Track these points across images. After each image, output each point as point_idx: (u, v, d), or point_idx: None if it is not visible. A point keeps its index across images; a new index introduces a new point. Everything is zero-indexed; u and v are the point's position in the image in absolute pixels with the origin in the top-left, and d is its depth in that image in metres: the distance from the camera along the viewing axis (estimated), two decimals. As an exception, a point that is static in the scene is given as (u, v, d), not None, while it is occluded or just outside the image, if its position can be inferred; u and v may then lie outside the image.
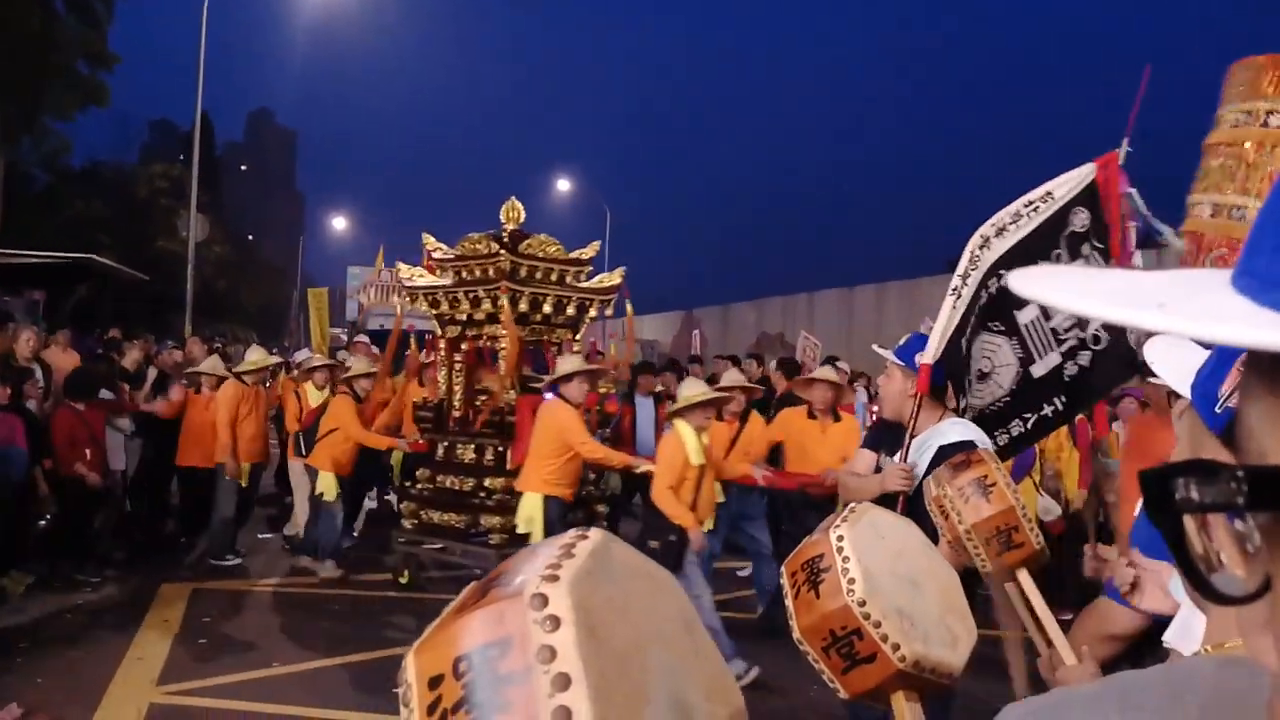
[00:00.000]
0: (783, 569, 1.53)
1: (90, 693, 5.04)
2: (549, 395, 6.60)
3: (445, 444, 7.52)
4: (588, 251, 7.84)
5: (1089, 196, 3.54)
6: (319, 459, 7.66)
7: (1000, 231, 3.44)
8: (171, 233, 32.98)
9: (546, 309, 7.34)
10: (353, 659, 5.85)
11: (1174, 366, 1.09)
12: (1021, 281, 0.44)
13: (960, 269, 3.42)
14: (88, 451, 7.37)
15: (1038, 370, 3.58)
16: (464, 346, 7.78)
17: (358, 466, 7.94)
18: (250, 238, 65.49)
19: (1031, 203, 3.49)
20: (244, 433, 8.05)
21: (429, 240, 8.06)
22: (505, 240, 7.28)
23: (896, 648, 1.35)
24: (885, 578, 1.43)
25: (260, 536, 9.06)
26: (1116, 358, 3.57)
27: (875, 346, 3.97)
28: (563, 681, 0.51)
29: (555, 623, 0.53)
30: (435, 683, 0.53)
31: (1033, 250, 3.44)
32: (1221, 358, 0.74)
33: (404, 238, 20.89)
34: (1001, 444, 3.57)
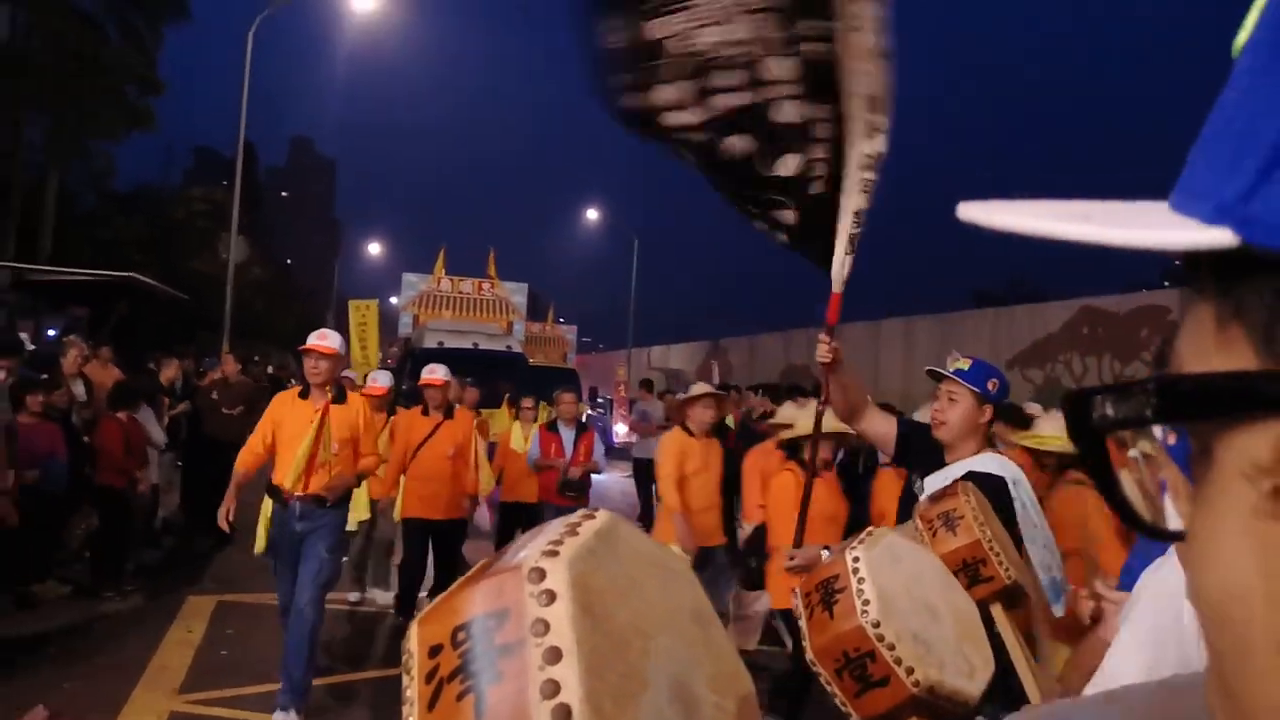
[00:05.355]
0: (796, 589, 1.52)
1: (113, 699, 5.13)
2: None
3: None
4: None
5: None
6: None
7: None
8: (211, 254, 33.57)
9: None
10: (372, 675, 5.91)
11: None
12: (965, 208, 0.44)
13: None
14: (130, 462, 7.58)
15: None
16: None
17: None
18: (289, 262, 66.42)
19: None
20: None
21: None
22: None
23: (910, 671, 1.33)
24: (901, 601, 1.41)
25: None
26: None
27: (934, 368, 3.57)
28: (554, 655, 0.51)
29: (551, 597, 0.53)
30: (434, 651, 0.54)
31: None
32: None
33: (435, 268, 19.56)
34: None
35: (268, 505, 5.25)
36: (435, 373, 7.11)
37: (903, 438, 3.57)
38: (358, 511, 7.26)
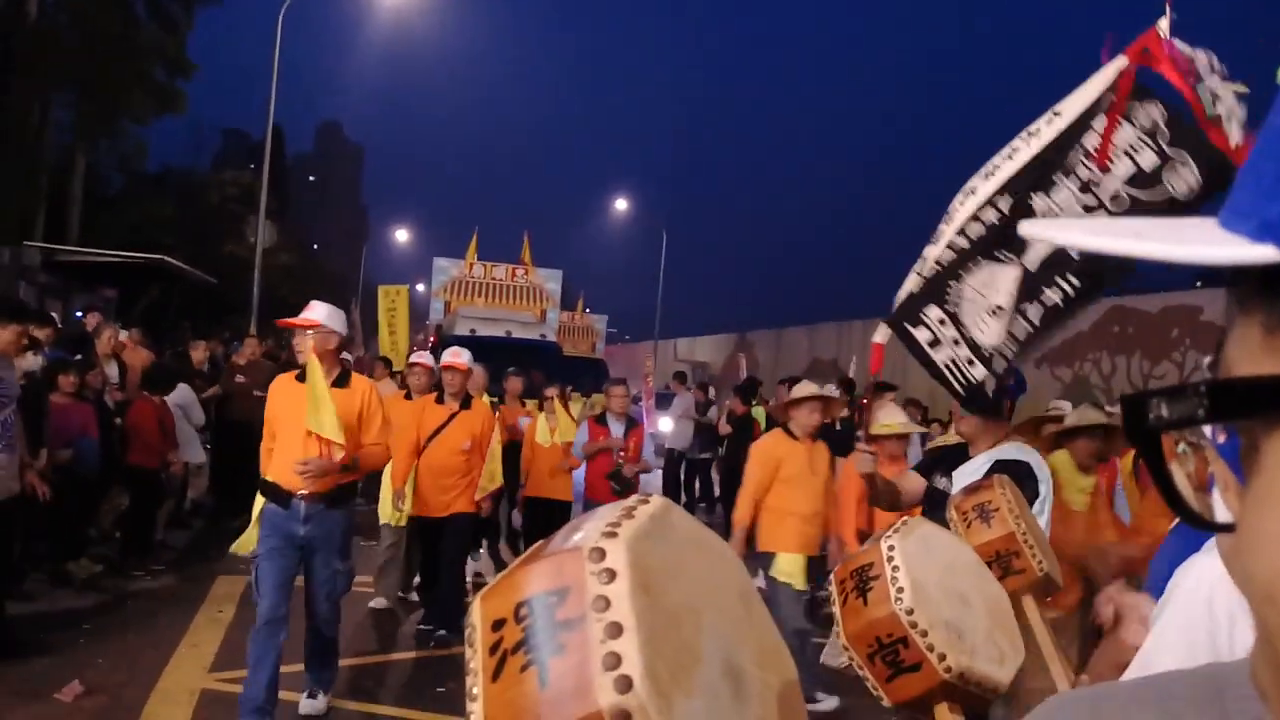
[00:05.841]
0: (832, 576, 1.55)
1: (146, 675, 5.20)
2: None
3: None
4: None
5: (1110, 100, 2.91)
6: None
7: (990, 175, 3.05)
8: (239, 238, 33.85)
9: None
10: (400, 657, 5.96)
11: None
12: (1030, 226, 0.48)
13: (934, 237, 3.14)
14: (163, 443, 7.67)
15: (1032, 263, 3.01)
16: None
17: None
18: (315, 246, 66.83)
19: (1033, 132, 3.02)
20: None
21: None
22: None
23: (943, 658, 1.36)
24: (934, 589, 1.43)
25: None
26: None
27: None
28: (615, 630, 0.53)
29: (611, 575, 0.55)
30: (498, 625, 0.56)
31: (1043, 170, 2.93)
32: None
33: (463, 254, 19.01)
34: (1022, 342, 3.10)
35: (259, 503, 4.68)
36: (459, 356, 6.54)
37: (927, 472, 3.93)
38: (387, 508, 7.00)
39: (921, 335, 3.11)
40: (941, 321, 3.08)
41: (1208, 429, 0.54)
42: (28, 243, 15.68)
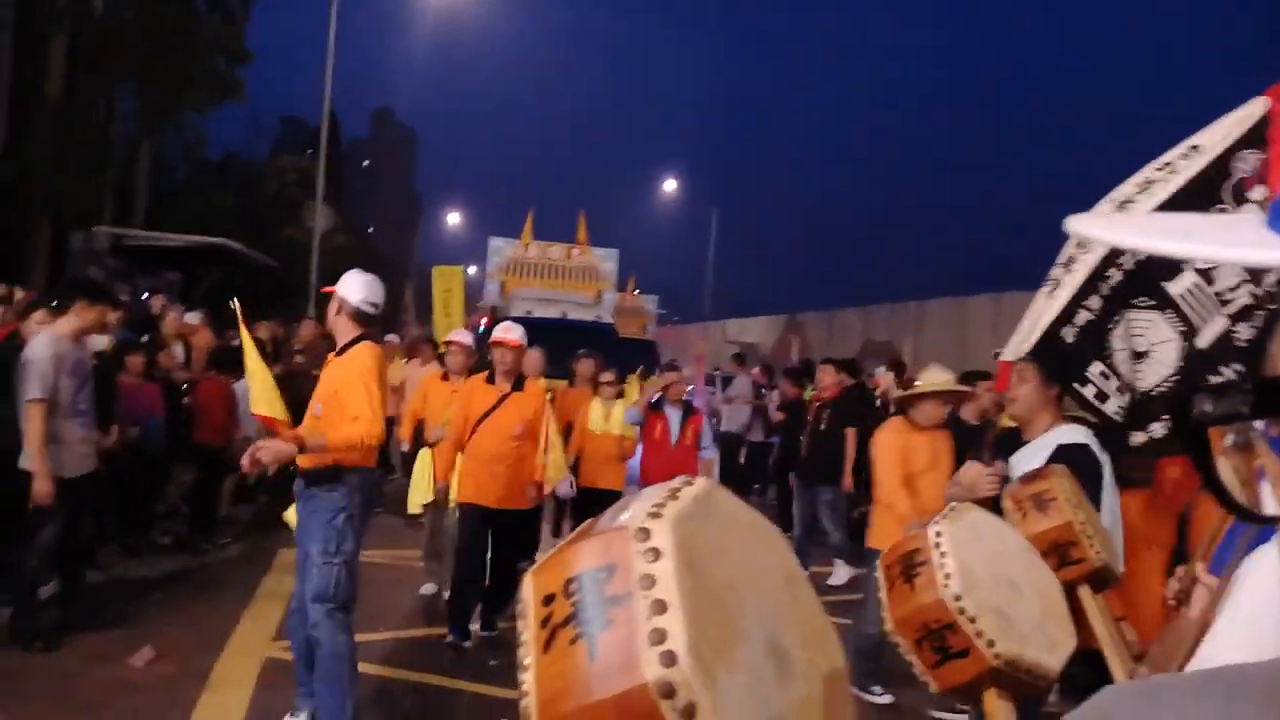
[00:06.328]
0: (878, 562, 1.55)
1: (213, 643, 5.38)
2: None
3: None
4: None
5: (1257, 136, 2.98)
6: None
7: (1124, 205, 3.09)
8: (296, 223, 34.40)
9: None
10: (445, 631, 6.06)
11: None
12: (1074, 221, 0.48)
13: (1063, 256, 3.20)
14: (227, 421, 7.91)
15: (1203, 340, 3.15)
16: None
17: None
18: (370, 230, 67.63)
19: (1167, 164, 3.10)
20: None
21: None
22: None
23: (991, 644, 1.35)
24: (982, 576, 1.43)
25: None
26: None
27: (1003, 355, 3.79)
28: (660, 606, 0.55)
29: (656, 554, 0.57)
30: (548, 600, 0.59)
31: (1190, 203, 2.98)
32: None
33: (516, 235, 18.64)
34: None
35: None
36: (511, 332, 5.95)
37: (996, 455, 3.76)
38: (419, 493, 6.80)
39: (1088, 391, 3.22)
40: (1104, 375, 3.21)
41: (1259, 423, 0.54)
42: (97, 228, 16.16)
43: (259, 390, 4.51)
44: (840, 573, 8.30)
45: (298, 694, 4.40)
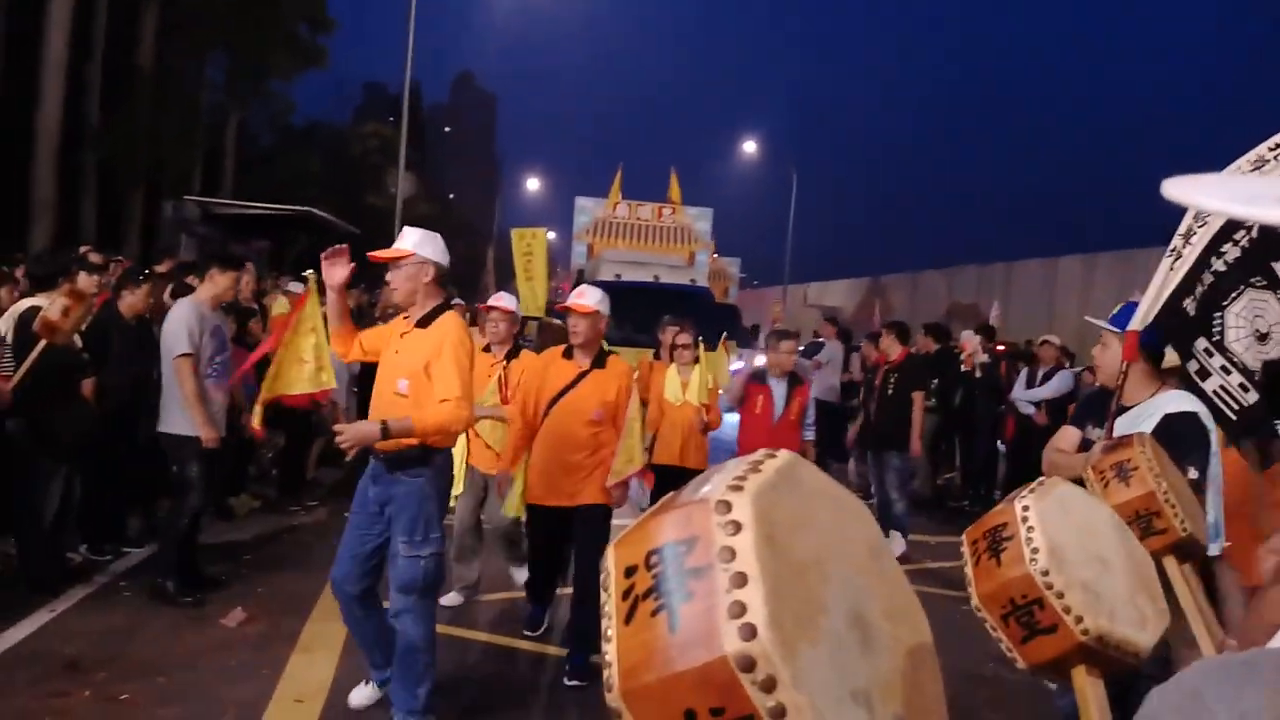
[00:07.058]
0: (963, 537, 1.52)
1: (301, 605, 5.52)
2: None
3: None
4: None
5: None
6: None
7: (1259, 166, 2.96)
8: (379, 190, 35.00)
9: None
10: (495, 597, 6.10)
11: None
12: (1169, 186, 0.46)
13: (1182, 227, 3.11)
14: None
15: None
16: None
17: None
18: (451, 196, 68.46)
19: None
20: None
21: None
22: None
23: (1079, 620, 1.33)
24: (1071, 550, 1.40)
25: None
26: None
27: (1089, 317, 3.85)
28: (740, 579, 0.55)
29: (736, 527, 0.57)
30: (630, 572, 0.59)
31: None
32: None
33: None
34: None
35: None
36: (584, 296, 4.92)
37: (1079, 421, 3.62)
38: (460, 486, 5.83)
39: (1191, 367, 3.15)
40: (1208, 351, 3.13)
41: None
42: (187, 197, 16.62)
43: (290, 372, 5.05)
44: (895, 545, 8.07)
45: (370, 665, 4.31)
